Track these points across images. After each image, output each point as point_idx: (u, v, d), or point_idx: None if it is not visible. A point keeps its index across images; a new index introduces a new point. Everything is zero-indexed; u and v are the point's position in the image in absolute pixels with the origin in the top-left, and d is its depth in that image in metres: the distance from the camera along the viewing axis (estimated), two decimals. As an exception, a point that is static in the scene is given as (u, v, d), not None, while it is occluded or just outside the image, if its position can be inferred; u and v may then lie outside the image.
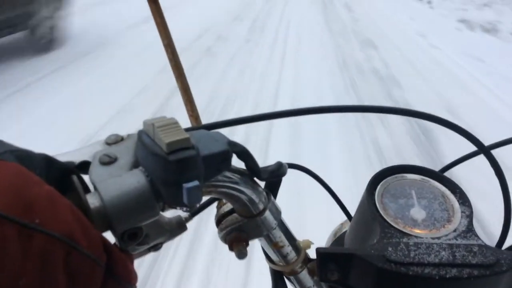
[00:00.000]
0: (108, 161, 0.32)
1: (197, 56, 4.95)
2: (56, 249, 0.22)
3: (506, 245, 0.49)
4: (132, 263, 0.31)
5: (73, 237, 0.23)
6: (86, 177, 0.32)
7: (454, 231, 0.43)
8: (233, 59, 5.00)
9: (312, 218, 2.10)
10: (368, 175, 0.48)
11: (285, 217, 0.44)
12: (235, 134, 2.87)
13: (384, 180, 0.49)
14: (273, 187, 0.42)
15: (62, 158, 0.33)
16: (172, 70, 0.47)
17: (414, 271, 0.38)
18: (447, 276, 0.38)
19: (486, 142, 0.45)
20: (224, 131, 0.37)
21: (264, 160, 2.59)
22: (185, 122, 0.37)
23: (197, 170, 0.30)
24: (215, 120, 0.40)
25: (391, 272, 0.38)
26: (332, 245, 0.60)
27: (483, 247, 0.40)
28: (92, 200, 0.29)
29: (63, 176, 0.31)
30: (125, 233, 0.31)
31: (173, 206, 0.31)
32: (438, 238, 0.42)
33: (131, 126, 2.80)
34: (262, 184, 0.41)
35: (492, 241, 0.43)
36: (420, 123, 3.30)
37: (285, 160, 0.40)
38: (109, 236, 0.32)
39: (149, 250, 0.38)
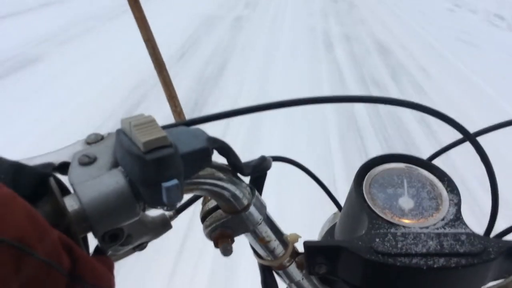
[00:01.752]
0: (87, 161, 0.31)
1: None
2: (5, 254, 0.21)
3: (494, 233, 0.48)
4: (108, 266, 0.31)
5: (25, 241, 0.22)
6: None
7: (442, 219, 0.43)
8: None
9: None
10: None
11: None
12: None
13: (371, 170, 0.49)
14: (257, 182, 0.42)
15: (41, 160, 0.33)
16: (153, 66, 0.46)
17: (401, 261, 0.38)
18: (435, 266, 0.37)
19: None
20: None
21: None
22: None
23: (175, 168, 0.29)
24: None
25: (378, 264, 0.38)
26: (324, 237, 0.60)
27: (471, 235, 0.40)
28: (71, 203, 0.28)
29: (39, 182, 0.30)
30: (106, 234, 0.31)
31: (153, 206, 0.31)
32: (426, 227, 0.42)
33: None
34: (247, 179, 0.40)
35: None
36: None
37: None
38: (90, 238, 0.31)
39: (134, 250, 0.38)
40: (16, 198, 0.24)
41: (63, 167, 0.32)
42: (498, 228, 0.49)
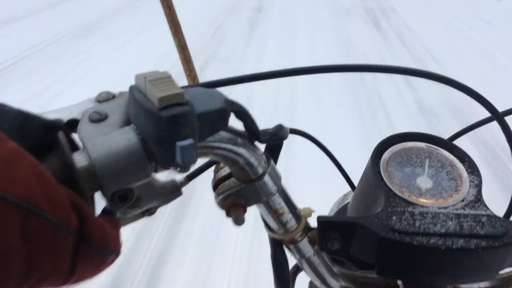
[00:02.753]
0: (98, 118, 0.30)
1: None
2: (10, 214, 0.20)
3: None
4: (116, 227, 0.29)
5: (32, 200, 0.21)
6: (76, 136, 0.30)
7: (462, 201, 0.41)
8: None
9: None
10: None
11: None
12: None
13: (390, 148, 0.47)
14: (273, 151, 0.40)
15: (50, 116, 0.31)
16: (168, 27, 0.44)
17: (419, 241, 0.37)
18: (454, 246, 0.36)
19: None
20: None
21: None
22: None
23: (191, 127, 0.28)
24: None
25: (395, 242, 0.37)
26: (335, 215, 0.59)
27: (492, 217, 0.38)
28: (80, 158, 0.27)
29: (47, 133, 0.28)
30: (115, 194, 0.29)
31: (166, 166, 0.29)
32: (445, 207, 0.40)
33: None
34: (262, 147, 0.39)
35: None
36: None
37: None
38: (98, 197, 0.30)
39: (143, 214, 0.36)
40: (23, 153, 0.23)
41: (73, 124, 0.31)
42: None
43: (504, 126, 0.41)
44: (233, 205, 0.37)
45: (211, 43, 4.28)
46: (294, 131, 0.47)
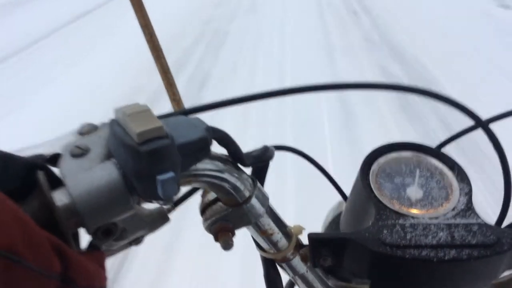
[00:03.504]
0: (79, 153, 0.30)
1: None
2: None
3: (505, 223, 0.47)
4: (101, 263, 0.29)
5: (12, 249, 0.21)
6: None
7: (453, 210, 0.41)
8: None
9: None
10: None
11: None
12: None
13: (378, 159, 0.47)
14: (259, 172, 0.40)
15: (32, 152, 0.31)
16: (150, 52, 0.44)
17: (411, 254, 0.36)
18: (446, 257, 0.36)
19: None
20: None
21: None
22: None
23: (171, 160, 0.28)
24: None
25: (387, 256, 0.37)
26: (328, 227, 0.58)
27: (483, 226, 0.38)
28: (60, 197, 0.27)
29: (28, 174, 0.28)
30: (99, 230, 0.29)
31: (148, 200, 0.29)
32: (436, 218, 0.40)
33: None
34: (248, 170, 0.39)
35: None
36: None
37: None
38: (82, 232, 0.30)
39: (129, 244, 0.36)
40: (2, 198, 0.23)
41: (55, 159, 0.31)
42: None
43: (489, 134, 0.41)
44: (221, 229, 0.37)
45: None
46: (280, 148, 0.47)
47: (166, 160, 0.27)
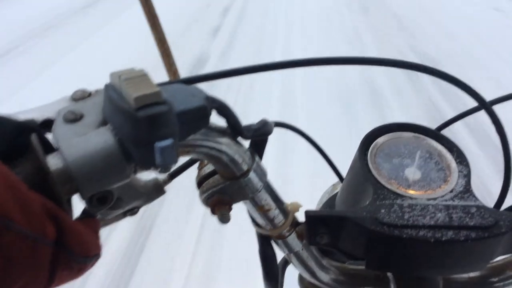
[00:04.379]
0: (73, 118, 0.28)
1: None
2: None
3: (504, 206, 0.47)
4: (96, 231, 0.28)
5: (5, 213, 0.20)
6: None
7: (451, 191, 0.41)
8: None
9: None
10: None
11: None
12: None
13: (377, 139, 0.46)
14: (258, 147, 0.39)
15: (23, 116, 0.30)
16: (146, 19, 0.43)
17: (408, 233, 0.36)
18: (443, 238, 0.36)
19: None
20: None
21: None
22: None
23: (170, 127, 0.26)
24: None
25: (384, 235, 0.36)
26: (323, 208, 0.58)
27: (481, 208, 0.38)
28: (54, 161, 0.26)
29: (19, 136, 0.27)
30: (94, 197, 0.28)
31: (145, 168, 0.28)
32: (434, 199, 0.40)
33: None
34: (246, 143, 0.38)
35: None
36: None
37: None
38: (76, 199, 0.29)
39: (125, 214, 0.35)
40: None
41: (47, 124, 0.29)
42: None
43: (492, 115, 0.40)
44: (218, 203, 0.36)
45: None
46: (279, 124, 0.46)
47: (164, 127, 0.26)
